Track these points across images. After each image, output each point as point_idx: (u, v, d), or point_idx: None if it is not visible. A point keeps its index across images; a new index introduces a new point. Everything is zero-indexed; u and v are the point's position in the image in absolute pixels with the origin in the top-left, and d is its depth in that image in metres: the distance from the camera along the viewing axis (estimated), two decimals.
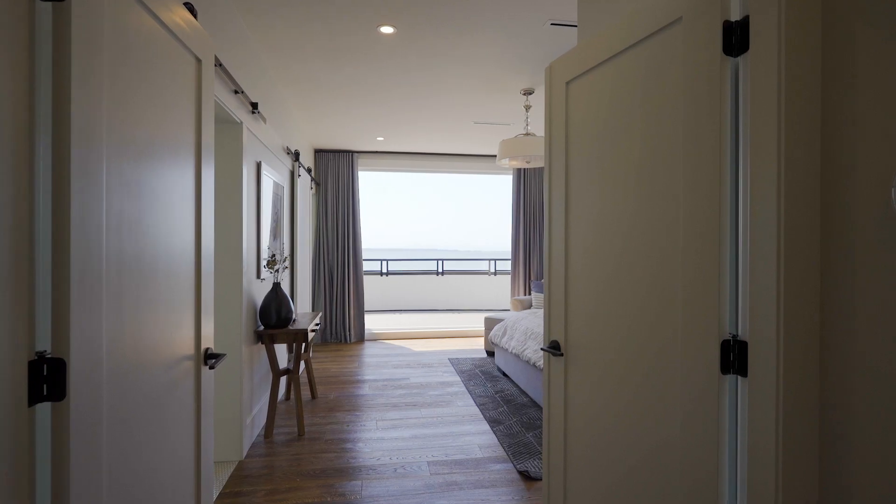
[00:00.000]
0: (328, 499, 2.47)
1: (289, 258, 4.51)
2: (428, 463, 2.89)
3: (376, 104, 4.49)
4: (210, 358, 1.60)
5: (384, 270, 9.59)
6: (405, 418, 3.65)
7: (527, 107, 4.04)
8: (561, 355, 1.75)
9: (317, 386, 4.43)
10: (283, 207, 4.21)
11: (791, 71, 1.00)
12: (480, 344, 6.49)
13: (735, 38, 1.11)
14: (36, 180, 0.91)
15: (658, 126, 1.33)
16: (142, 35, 1.21)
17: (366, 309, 9.41)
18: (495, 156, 6.86)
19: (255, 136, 3.24)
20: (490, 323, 5.81)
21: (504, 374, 4.86)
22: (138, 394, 1.20)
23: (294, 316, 3.49)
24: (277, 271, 3.45)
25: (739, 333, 1.11)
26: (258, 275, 3.33)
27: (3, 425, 0.83)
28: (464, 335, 7.01)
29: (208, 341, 1.62)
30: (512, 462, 2.90)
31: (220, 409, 2.91)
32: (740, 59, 1.11)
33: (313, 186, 6.28)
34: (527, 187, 6.84)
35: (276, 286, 3.33)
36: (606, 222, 1.54)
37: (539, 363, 3.80)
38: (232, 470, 2.78)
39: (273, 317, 3.29)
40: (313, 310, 6.40)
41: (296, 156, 4.58)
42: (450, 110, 4.68)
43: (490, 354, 5.81)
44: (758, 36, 1.05)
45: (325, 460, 2.91)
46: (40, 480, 0.91)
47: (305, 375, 4.84)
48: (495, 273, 9.77)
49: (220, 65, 2.27)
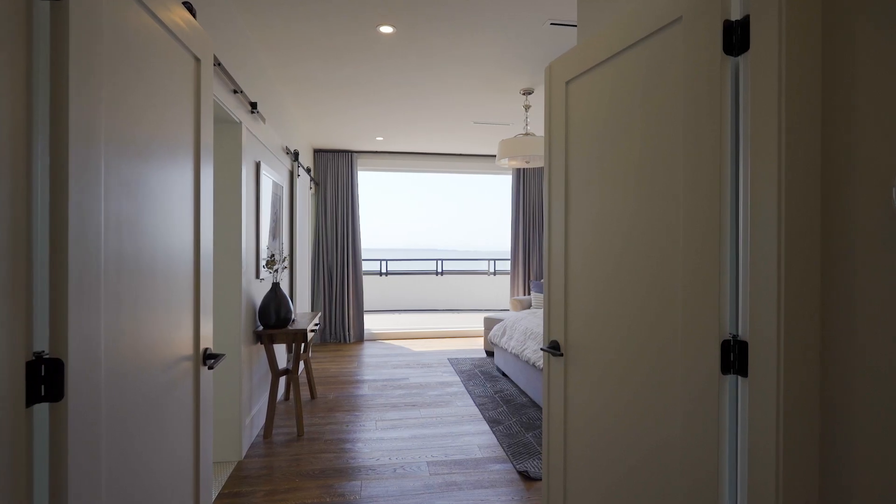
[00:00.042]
0: (327, 499, 2.46)
1: (288, 258, 4.50)
2: (427, 463, 2.89)
3: (375, 104, 4.49)
4: (209, 358, 1.60)
5: (383, 270, 9.59)
6: (404, 418, 3.64)
7: (526, 107, 4.04)
8: (561, 355, 1.75)
9: (316, 386, 4.43)
10: (283, 207, 4.21)
11: (791, 70, 1.00)
12: (480, 344, 6.48)
13: (735, 38, 1.11)
14: (34, 180, 0.90)
15: (658, 126, 1.32)
16: (140, 34, 1.20)
17: (365, 309, 9.41)
18: (495, 156, 6.85)
19: (254, 136, 3.23)
20: (489, 323, 5.80)
21: (503, 374, 4.86)
22: (137, 394, 1.20)
23: (293, 316, 3.48)
24: (276, 271, 3.45)
25: (740, 333, 1.11)
26: (257, 275, 3.32)
27: (1, 426, 0.82)
28: (463, 335, 7.01)
29: (207, 341, 1.62)
30: (511, 462, 2.90)
31: (220, 410, 2.90)
32: (741, 59, 1.11)
33: (312, 186, 6.28)
34: (526, 187, 6.84)
35: (276, 286, 3.33)
36: (606, 222, 1.54)
37: (538, 363, 3.79)
38: (231, 470, 2.78)
39: (272, 317, 3.28)
40: (312, 310, 6.40)
41: (295, 156, 4.58)
42: (449, 110, 4.68)
43: (489, 354, 5.81)
44: (758, 35, 1.05)
45: (325, 460, 2.91)
46: (38, 481, 0.91)
47: (305, 375, 4.83)
48: (495, 273, 9.78)
49: (219, 64, 2.27)
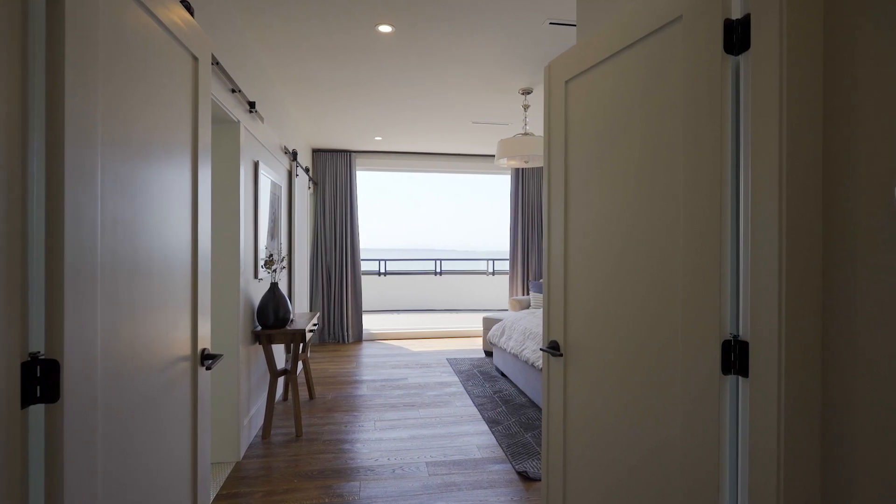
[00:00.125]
0: (326, 500, 2.45)
1: (286, 258, 4.49)
2: (426, 464, 2.88)
3: (374, 103, 4.48)
4: (207, 359, 1.59)
5: (382, 270, 9.58)
6: (403, 419, 3.64)
7: (525, 106, 4.04)
8: (560, 355, 1.75)
9: (315, 386, 4.42)
10: (281, 207, 4.20)
11: (792, 69, 1.00)
12: (479, 344, 6.48)
13: (736, 37, 1.10)
14: (29, 179, 0.89)
15: (658, 125, 1.32)
16: (138, 32, 1.20)
17: (364, 309, 9.40)
18: (494, 156, 6.85)
19: (253, 136, 3.22)
20: (488, 323, 5.80)
21: (502, 375, 4.85)
22: (134, 395, 1.19)
23: (292, 316, 3.47)
24: (275, 271, 3.44)
25: (740, 334, 1.10)
26: (256, 275, 3.31)
27: None
28: (462, 335, 7.00)
29: (205, 342, 1.61)
30: (510, 462, 2.89)
31: (218, 410, 2.89)
32: (741, 58, 1.10)
33: (311, 186, 6.27)
34: (525, 187, 6.84)
35: (274, 286, 3.32)
36: (606, 222, 1.53)
37: (537, 363, 3.79)
38: (229, 471, 2.77)
39: (271, 317, 3.27)
40: (311, 310, 6.39)
41: (293, 155, 4.57)
42: (448, 110, 4.67)
43: (488, 354, 5.80)
44: (759, 34, 1.04)
45: (323, 461, 2.90)
46: (33, 483, 0.90)
47: (303, 376, 4.82)
48: (493, 273, 9.78)
49: (218, 63, 2.26)
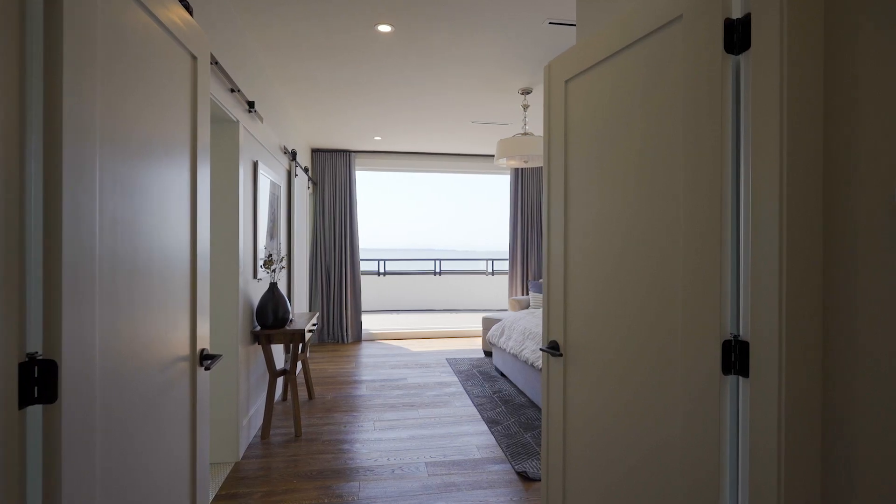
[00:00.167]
0: (325, 500, 2.45)
1: (286, 258, 4.49)
2: (426, 464, 2.87)
3: (374, 103, 4.47)
4: (206, 359, 1.58)
5: (381, 270, 9.57)
6: (403, 419, 3.63)
7: (525, 106, 4.03)
8: (560, 356, 1.74)
9: (314, 386, 4.41)
10: (280, 207, 4.19)
11: (793, 68, 0.99)
12: (478, 344, 6.47)
13: (736, 36, 1.10)
14: (27, 179, 0.89)
15: (658, 125, 1.32)
16: (136, 32, 1.19)
17: (363, 309, 9.39)
18: (493, 155, 6.85)
19: (252, 136, 3.22)
20: (488, 323, 5.79)
21: (502, 375, 4.85)
22: (133, 395, 1.19)
23: (291, 316, 3.47)
24: (274, 271, 3.43)
25: (741, 334, 1.10)
26: (255, 275, 3.31)
27: None
28: (461, 335, 7.00)
29: (204, 342, 1.60)
30: (510, 463, 2.89)
31: (217, 410, 2.89)
32: (741, 57, 1.10)
33: (310, 186, 6.26)
34: (524, 187, 6.84)
35: (273, 286, 3.32)
36: (606, 222, 1.53)
37: (537, 363, 3.79)
38: (228, 471, 2.76)
39: (270, 317, 3.27)
40: (310, 310, 6.38)
41: (293, 155, 4.56)
42: (447, 110, 4.67)
43: (488, 354, 5.80)
44: (759, 34, 1.04)
45: (323, 461, 2.89)
46: (31, 484, 0.90)
47: (302, 376, 4.82)
48: (493, 273, 9.77)
49: (217, 63, 2.25)
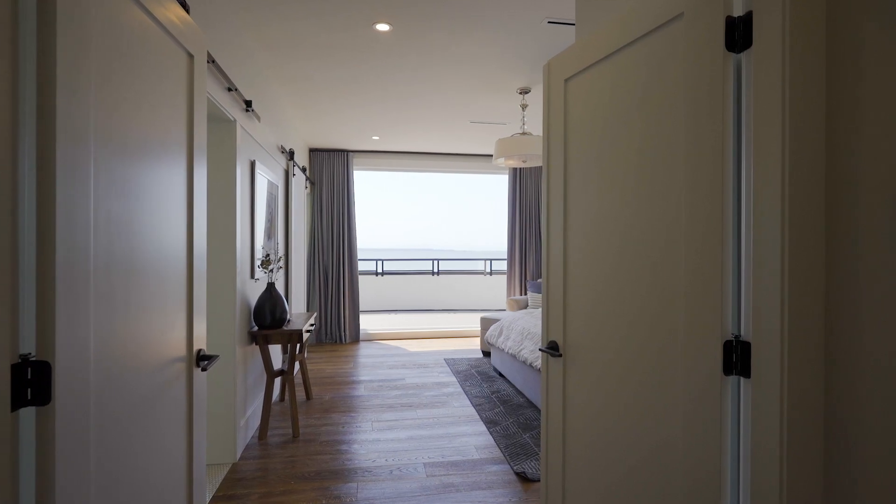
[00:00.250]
0: (323, 501, 2.44)
1: (283, 258, 4.47)
2: (424, 464, 2.86)
3: (372, 103, 4.46)
4: (202, 360, 1.57)
5: (379, 270, 9.56)
6: (401, 419, 3.62)
7: (523, 106, 4.02)
8: (559, 356, 1.73)
9: (312, 387, 4.40)
10: (278, 207, 4.18)
11: (795, 67, 0.99)
12: (476, 344, 6.47)
13: (738, 34, 1.09)
14: (20, 177, 0.87)
15: (658, 124, 1.31)
16: (132, 29, 1.18)
17: (361, 309, 9.38)
18: (491, 155, 6.84)
19: (249, 135, 3.20)
20: (486, 323, 5.79)
21: (500, 375, 4.84)
22: (128, 397, 1.17)
23: (289, 316, 3.45)
24: (272, 271, 3.42)
25: (742, 334, 1.09)
26: (252, 275, 3.29)
27: None
28: (460, 335, 6.99)
29: (200, 342, 1.59)
30: (509, 463, 2.88)
31: (214, 411, 2.87)
32: (743, 56, 1.09)
33: (308, 186, 6.24)
34: (523, 187, 6.83)
35: (271, 286, 3.30)
36: (605, 221, 1.52)
37: (536, 363, 3.78)
38: (225, 472, 2.75)
39: (267, 317, 3.25)
40: (308, 310, 6.36)
41: (290, 155, 4.54)
42: (446, 109, 4.66)
43: (486, 355, 5.79)
44: (761, 32, 1.03)
45: (321, 462, 2.88)
46: (24, 487, 0.88)
47: (300, 376, 4.80)
48: (491, 273, 9.77)
49: (213, 61, 2.24)
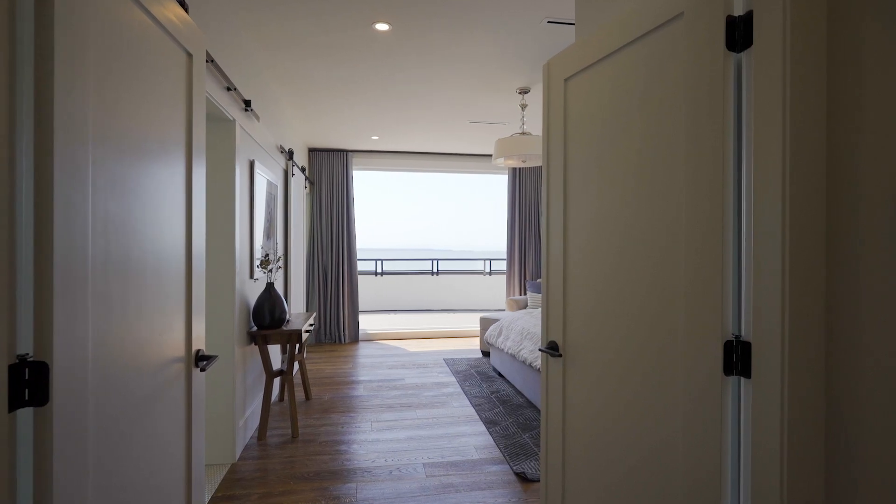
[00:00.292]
0: (322, 502, 2.43)
1: (282, 258, 4.46)
2: (423, 465, 2.86)
3: (371, 102, 4.46)
4: (201, 360, 1.57)
5: (379, 270, 9.55)
6: (400, 419, 3.62)
7: (523, 105, 4.02)
8: (559, 356, 1.73)
9: (311, 387, 4.39)
10: (277, 207, 4.17)
11: (795, 66, 0.98)
12: (476, 344, 6.46)
13: (738, 34, 1.09)
14: (17, 177, 0.87)
15: (658, 123, 1.30)
16: (131, 28, 1.17)
17: (360, 309, 9.36)
18: (491, 155, 6.84)
19: (249, 135, 3.20)
20: (485, 323, 5.78)
21: (500, 375, 4.84)
22: (127, 397, 1.17)
23: (288, 316, 3.45)
24: (271, 271, 3.41)
25: (743, 334, 1.09)
26: (251, 275, 3.29)
27: None
28: (459, 335, 6.98)
29: (199, 343, 1.58)
30: (508, 463, 2.88)
31: (213, 411, 2.87)
32: (743, 55, 1.09)
33: (307, 186, 6.23)
34: (522, 187, 6.82)
35: (270, 286, 3.29)
36: (605, 221, 1.52)
37: (535, 363, 3.78)
38: (224, 473, 2.74)
39: (266, 317, 3.25)
40: (307, 310, 6.36)
41: (290, 154, 4.54)
42: (445, 109, 4.65)
43: (485, 355, 5.79)
44: (761, 31, 1.03)
45: (320, 462, 2.88)
46: (22, 489, 0.88)
47: (299, 376, 4.79)
48: (490, 273, 9.76)
49: (212, 61, 2.23)
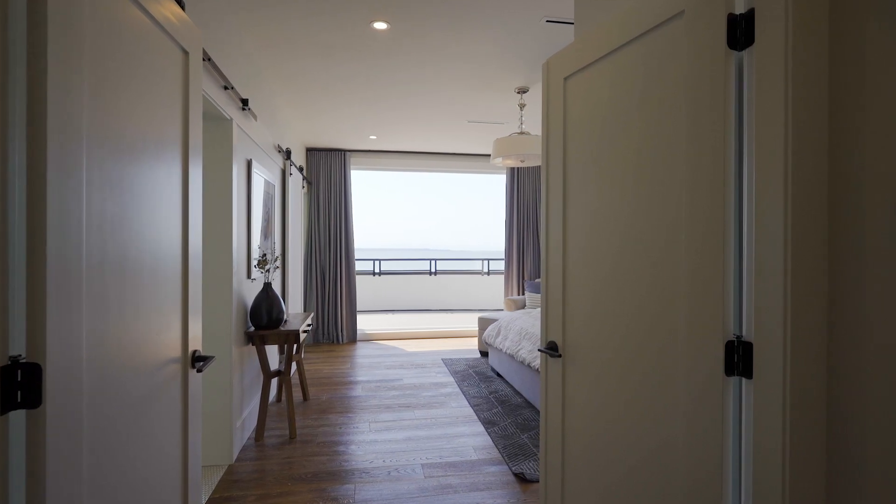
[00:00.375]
0: (320, 503, 2.42)
1: (280, 258, 4.45)
2: (422, 465, 2.85)
3: (369, 102, 4.44)
4: (198, 360, 1.55)
5: (377, 270, 9.54)
6: (398, 420, 3.61)
7: (521, 105, 4.01)
8: (559, 356, 1.72)
9: (309, 387, 4.37)
10: (275, 206, 4.15)
11: (797, 65, 0.97)
12: (474, 344, 6.45)
13: (739, 32, 1.08)
14: (9, 175, 0.85)
15: (658, 123, 1.30)
16: (126, 25, 1.16)
17: (358, 309, 9.35)
18: (489, 155, 6.83)
19: (246, 134, 3.18)
20: (484, 323, 5.77)
21: (498, 375, 4.83)
22: (122, 398, 1.15)
23: (285, 316, 3.43)
24: (268, 271, 3.40)
25: (744, 334, 1.08)
26: (248, 275, 3.27)
27: None
28: (457, 335, 6.97)
29: (196, 343, 1.57)
30: (507, 464, 2.87)
31: (210, 412, 2.85)
32: (745, 53, 1.08)
33: (305, 185, 6.22)
34: (520, 186, 6.82)
35: (267, 286, 3.28)
36: (605, 220, 1.51)
37: (534, 364, 3.77)
38: (221, 474, 2.72)
39: (264, 317, 3.23)
40: (305, 310, 6.34)
41: (287, 154, 4.52)
42: (443, 109, 4.64)
43: (484, 355, 5.78)
44: (763, 29, 1.02)
45: (318, 463, 2.86)
46: (14, 492, 0.86)
47: (297, 377, 4.78)
48: (488, 273, 9.76)
49: (209, 59, 2.22)
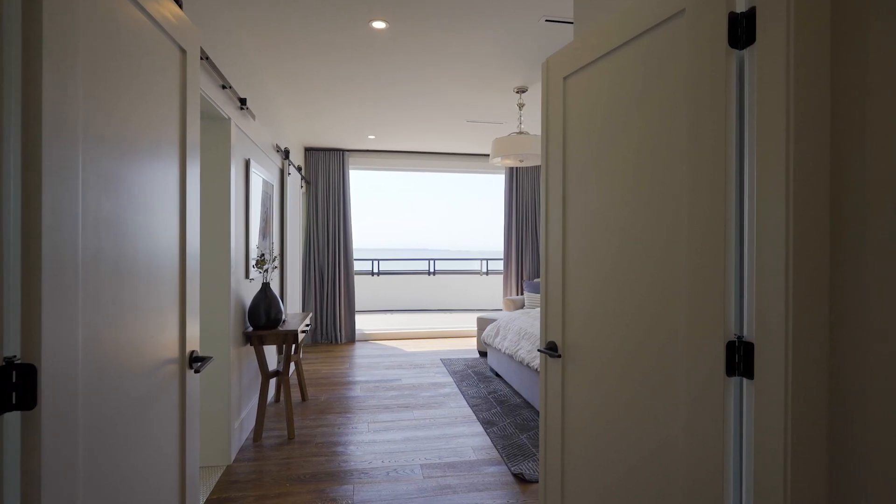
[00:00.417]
0: None
1: (278, 258, 4.43)
2: (421, 466, 2.84)
3: (368, 102, 4.43)
4: (195, 361, 1.54)
5: (375, 270, 9.52)
6: (397, 420, 3.60)
7: (520, 105, 4.01)
8: (558, 357, 1.72)
9: (307, 388, 4.36)
10: (273, 206, 4.14)
11: (799, 63, 0.97)
12: (473, 344, 6.45)
13: (741, 30, 1.08)
14: (4, 175, 0.84)
15: (658, 122, 1.29)
16: (123, 24, 1.15)
17: (357, 309, 9.34)
18: (488, 155, 6.82)
19: (244, 133, 3.17)
20: (483, 323, 5.77)
21: (497, 375, 4.83)
22: (119, 400, 1.14)
23: (284, 316, 3.42)
24: (267, 271, 3.38)
25: (745, 335, 1.07)
26: (247, 275, 3.26)
27: None
28: (456, 335, 6.97)
29: (193, 344, 1.56)
30: (506, 464, 2.86)
31: (208, 413, 2.84)
32: (746, 52, 1.07)
33: (303, 185, 6.20)
34: (519, 186, 6.81)
35: (266, 286, 3.27)
36: (605, 220, 1.50)
37: (533, 364, 3.76)
38: (220, 475, 2.71)
39: (262, 317, 3.22)
40: (303, 310, 6.32)
41: (286, 154, 4.51)
42: (442, 108, 4.63)
43: (483, 355, 5.77)
44: (764, 28, 1.02)
45: (316, 464, 2.85)
46: (9, 494, 0.85)
47: (295, 377, 4.77)
48: (487, 273, 9.75)
49: (207, 58, 2.20)
